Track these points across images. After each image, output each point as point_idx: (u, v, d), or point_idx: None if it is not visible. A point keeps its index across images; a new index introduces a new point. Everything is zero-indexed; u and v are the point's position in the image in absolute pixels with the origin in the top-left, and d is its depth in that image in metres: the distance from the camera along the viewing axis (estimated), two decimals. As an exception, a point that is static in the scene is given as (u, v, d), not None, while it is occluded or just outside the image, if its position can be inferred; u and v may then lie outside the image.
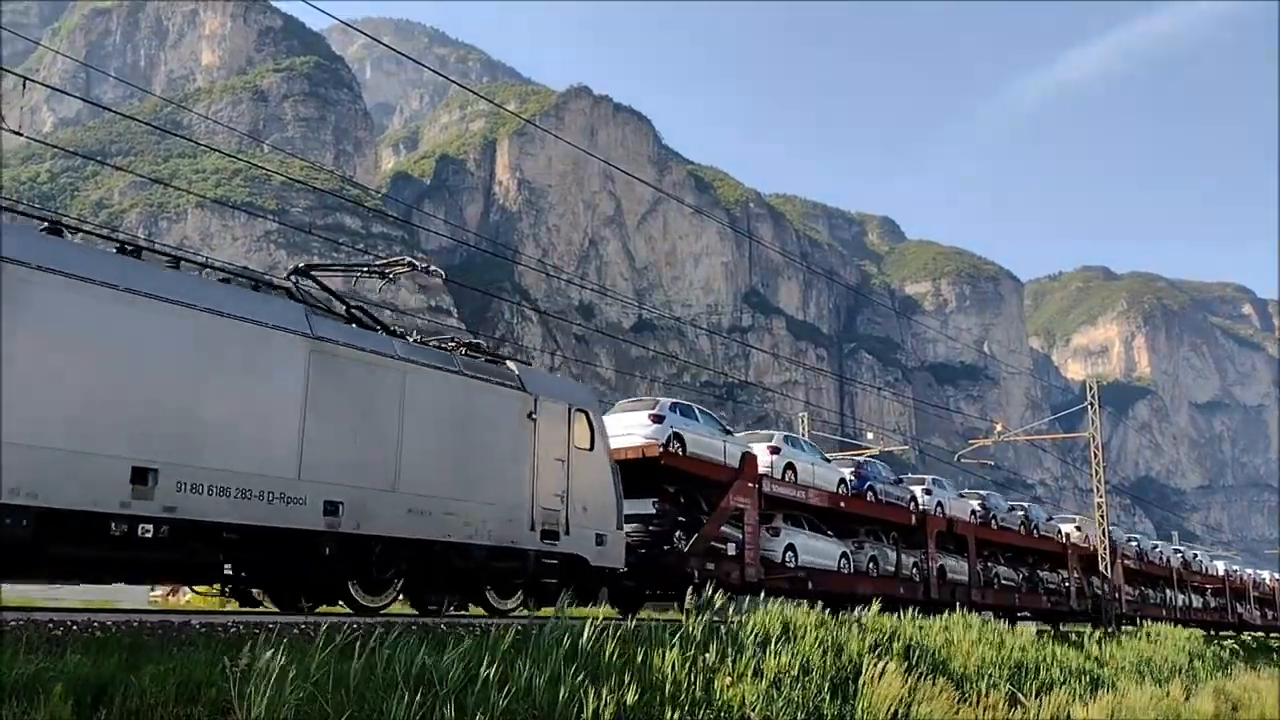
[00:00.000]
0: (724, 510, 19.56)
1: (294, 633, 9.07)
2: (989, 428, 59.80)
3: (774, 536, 21.55)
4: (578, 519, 15.62)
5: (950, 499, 30.07)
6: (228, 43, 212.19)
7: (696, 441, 20.19)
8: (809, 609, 14.92)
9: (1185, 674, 23.50)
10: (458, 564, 13.76)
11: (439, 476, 13.69)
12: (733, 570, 19.39)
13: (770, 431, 24.61)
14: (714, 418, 21.87)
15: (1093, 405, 37.97)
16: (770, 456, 22.60)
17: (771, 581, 19.79)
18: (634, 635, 10.85)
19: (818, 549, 22.90)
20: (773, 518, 21.89)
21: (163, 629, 9.07)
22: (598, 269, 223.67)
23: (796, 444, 24.52)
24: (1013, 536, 33.50)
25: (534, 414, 15.33)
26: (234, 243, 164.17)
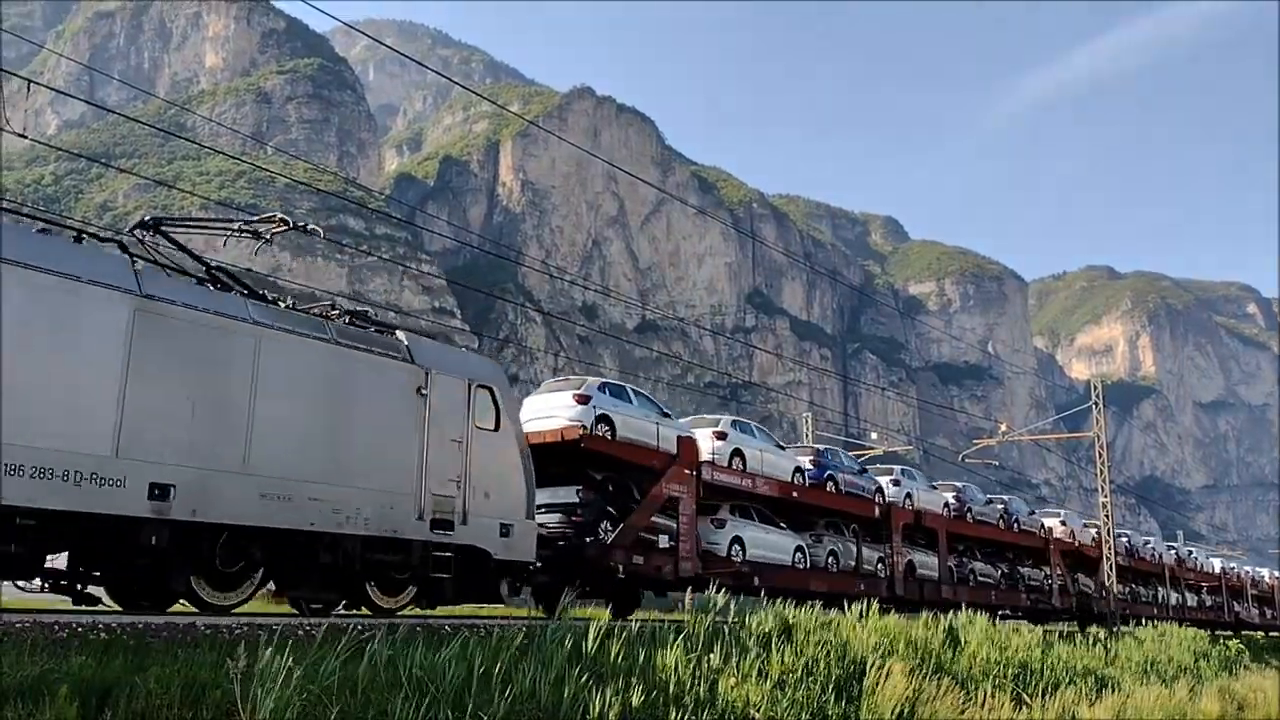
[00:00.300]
0: (655, 499, 18.18)
1: (298, 634, 9.08)
2: (993, 428, 59.62)
3: (719, 528, 20.28)
4: (478, 507, 14.13)
5: (920, 490, 28.73)
6: (231, 45, 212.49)
7: (627, 424, 18.69)
8: (811, 609, 14.82)
9: (1190, 674, 23.45)
10: (325, 557, 12.23)
11: (301, 457, 12.10)
12: (665, 564, 18.13)
13: (718, 416, 22.66)
14: (650, 400, 20.40)
15: (1097, 405, 37.93)
16: (715, 442, 21.11)
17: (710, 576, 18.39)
18: (638, 636, 10.85)
19: (769, 542, 21.52)
20: (717, 508, 20.68)
21: (167, 630, 9.08)
22: (601, 270, 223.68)
23: (747, 430, 22.88)
24: (989, 530, 31.96)
25: (425, 389, 13.74)
26: (237, 244, 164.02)
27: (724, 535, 20.29)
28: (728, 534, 20.31)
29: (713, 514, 20.44)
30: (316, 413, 12.46)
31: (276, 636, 8.10)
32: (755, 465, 21.89)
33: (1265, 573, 63.95)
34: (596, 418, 18.08)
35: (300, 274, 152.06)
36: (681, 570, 18.33)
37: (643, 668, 9.90)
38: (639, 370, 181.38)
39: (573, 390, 18.51)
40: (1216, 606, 51.36)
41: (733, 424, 22.47)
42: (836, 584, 22.68)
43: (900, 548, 25.88)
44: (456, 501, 13.88)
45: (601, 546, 17.18)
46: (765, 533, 21.54)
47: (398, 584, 13.74)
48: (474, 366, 15.31)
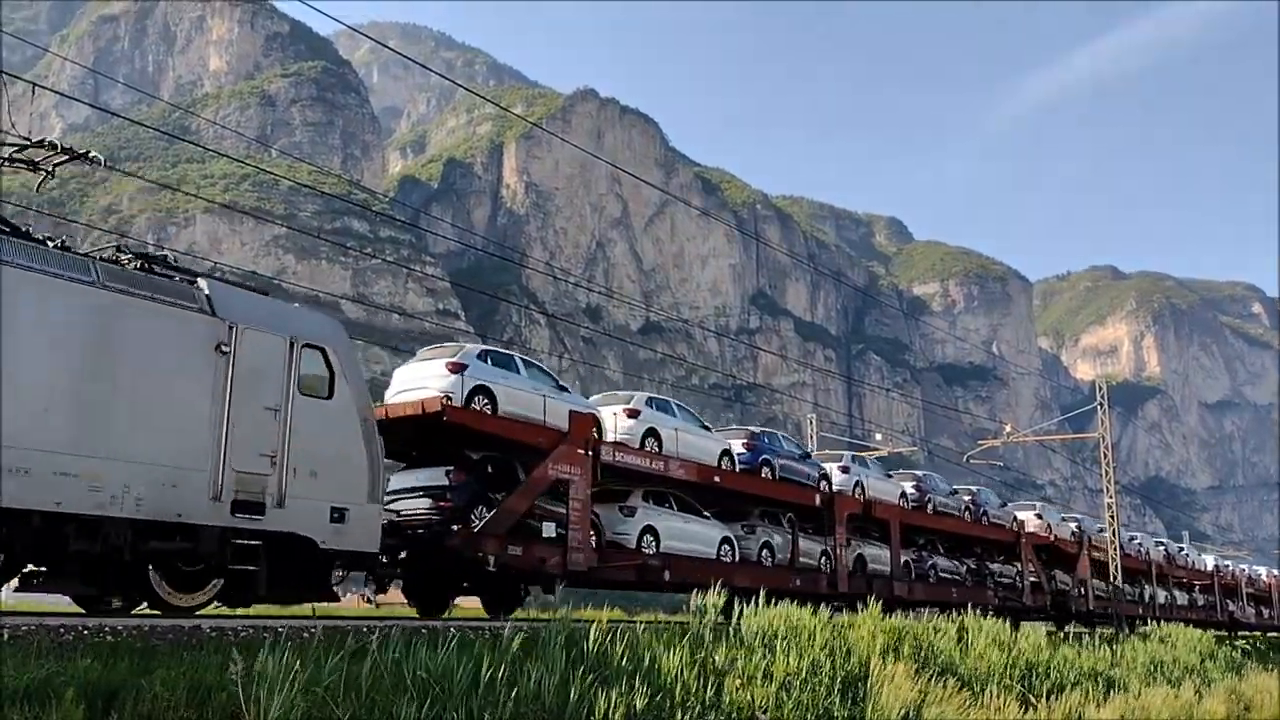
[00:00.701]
0: (538, 481, 16.26)
1: (303, 636, 9.09)
2: (998, 429, 59.48)
3: (628, 517, 18.42)
4: (302, 488, 11.99)
5: (874, 479, 26.64)
6: (235, 48, 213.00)
7: (512, 397, 16.68)
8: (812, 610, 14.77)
9: (1197, 675, 23.40)
10: (80, 545, 10.22)
11: (44, 422, 9.99)
12: (550, 555, 16.20)
13: (631, 393, 20.64)
14: (545, 373, 18.37)
15: (1102, 405, 37.84)
16: (626, 421, 19.11)
17: (608, 570, 17.12)
18: (642, 637, 10.85)
19: (689, 533, 19.63)
20: (627, 495, 18.84)
21: (173, 633, 9.10)
22: (605, 271, 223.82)
23: (664, 408, 20.65)
24: (951, 523, 29.59)
25: (227, 346, 11.54)
26: (242, 247, 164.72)
27: (633, 525, 18.44)
28: (638, 523, 18.48)
29: (622, 501, 18.69)
30: (68, 369, 10.33)
31: (281, 639, 8.11)
32: (674, 447, 19.73)
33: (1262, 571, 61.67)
34: (473, 389, 16.08)
35: (305, 277, 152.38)
36: (572, 563, 16.32)
37: (647, 669, 9.90)
38: (643, 372, 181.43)
39: (447, 358, 16.54)
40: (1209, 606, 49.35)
41: (648, 401, 20.36)
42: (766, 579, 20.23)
43: (845, 540, 23.83)
44: (269, 481, 11.71)
45: (466, 535, 15.25)
46: (685, 522, 19.66)
47: (198, 577, 11.72)
48: (300, 322, 13.00)
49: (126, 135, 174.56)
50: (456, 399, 15.73)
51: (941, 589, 28.00)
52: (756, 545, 21.79)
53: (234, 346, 11.65)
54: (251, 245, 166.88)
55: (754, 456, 22.31)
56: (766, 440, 23.25)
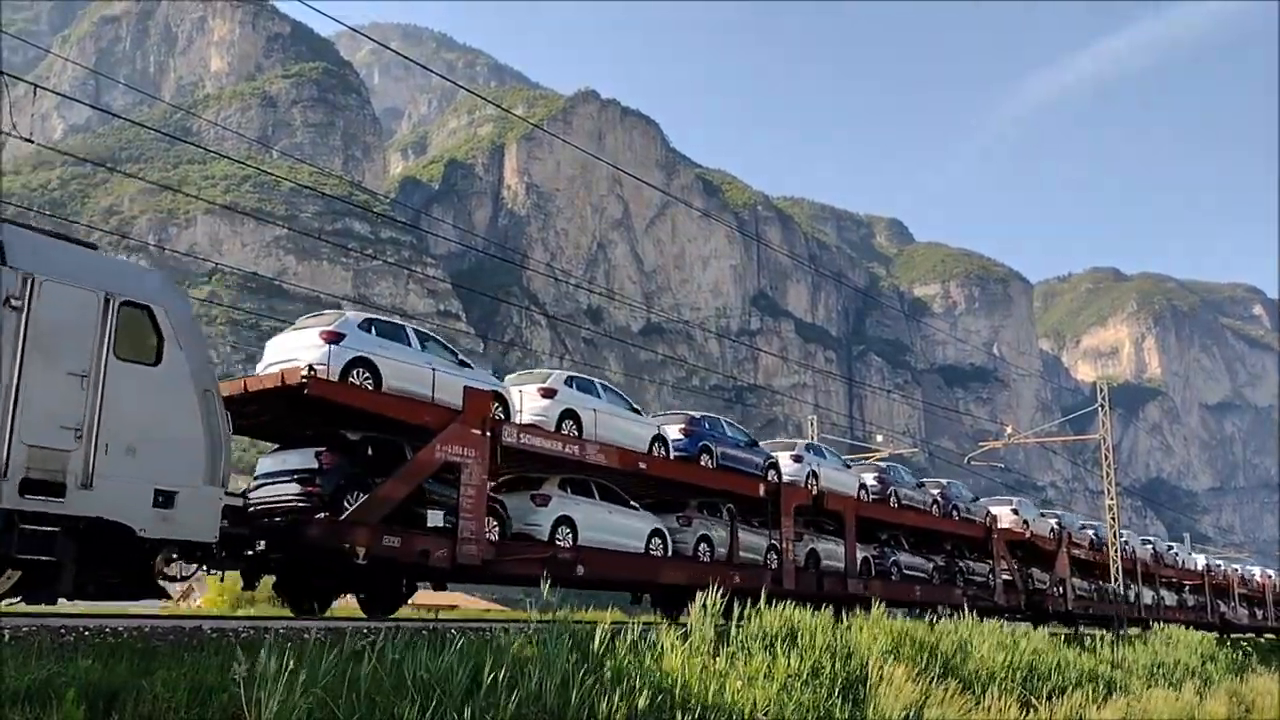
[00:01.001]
0: (422, 465, 14.66)
1: (304, 637, 9.10)
2: (999, 430, 59.47)
3: (540, 506, 16.85)
4: (115, 467, 10.47)
5: (829, 469, 24.86)
6: (236, 49, 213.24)
7: (399, 372, 15.07)
8: (812, 611, 14.75)
9: (1198, 677, 23.38)
10: None
11: None
12: (437, 548, 14.51)
13: (550, 371, 18.85)
14: (445, 347, 16.74)
15: (1103, 407, 37.80)
16: (541, 401, 17.52)
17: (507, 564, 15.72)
18: (643, 639, 10.85)
19: (613, 525, 18.04)
20: (540, 482, 17.35)
21: (174, 634, 9.10)
22: (606, 273, 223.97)
23: (587, 388, 18.95)
24: (913, 516, 27.81)
25: (17, 299, 10.00)
26: (243, 248, 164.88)
27: (546, 515, 16.81)
28: (551, 513, 16.84)
29: (534, 488, 17.18)
30: None
31: (282, 639, 8.11)
32: (596, 431, 18.11)
33: (1256, 571, 59.69)
34: (351, 361, 14.49)
35: (305, 278, 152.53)
36: (462, 555, 14.69)
37: (649, 670, 9.90)
38: (644, 373, 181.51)
39: (322, 326, 14.90)
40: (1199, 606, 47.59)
41: (567, 380, 18.59)
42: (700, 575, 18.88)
43: (793, 534, 22.08)
44: (73, 458, 10.18)
45: (329, 524, 13.58)
46: (609, 513, 18.06)
47: None
48: (121, 278, 11.32)
49: (128, 136, 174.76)
50: (330, 371, 14.10)
51: (904, 587, 26.35)
52: (693, 539, 20.21)
53: (28, 300, 10.06)
54: (252, 246, 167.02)
55: (692, 443, 20.73)
56: (707, 426, 21.61)
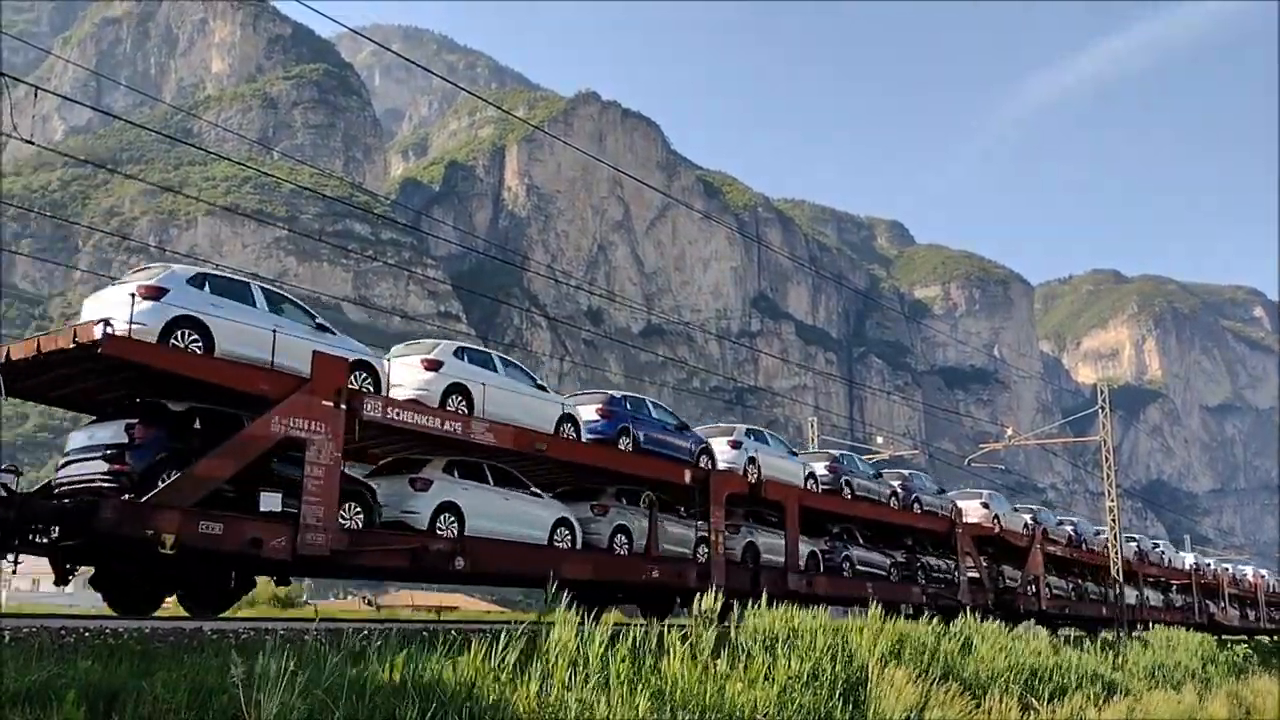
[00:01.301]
0: (255, 440, 12.71)
1: (304, 638, 9.09)
2: (999, 432, 59.30)
3: (420, 491, 15.10)
4: None
5: (771, 456, 22.75)
6: (237, 50, 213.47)
7: (239, 335, 13.14)
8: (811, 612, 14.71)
9: (1198, 679, 23.38)
10: None
11: None
12: (272, 536, 12.61)
13: (437, 342, 16.99)
14: (305, 310, 14.75)
15: (1104, 409, 37.75)
16: (425, 374, 15.79)
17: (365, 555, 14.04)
18: (643, 642, 10.84)
19: (510, 513, 16.30)
20: (420, 465, 15.63)
21: (174, 635, 9.09)
22: (606, 274, 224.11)
23: (483, 362, 17.11)
24: (868, 509, 25.63)
25: None
26: (244, 249, 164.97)
27: (426, 500, 15.03)
28: (433, 499, 15.08)
29: (414, 471, 15.50)
30: None
31: (282, 641, 8.11)
32: (491, 409, 16.27)
33: (1248, 570, 57.85)
34: (174, 320, 12.54)
35: (306, 278, 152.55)
36: (305, 545, 12.84)
37: (648, 673, 9.89)
38: (644, 374, 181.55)
39: (140, 281, 12.96)
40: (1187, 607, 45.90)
41: (457, 351, 16.77)
42: (611, 569, 17.54)
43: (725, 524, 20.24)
44: None
45: (127, 506, 11.69)
46: (504, 500, 16.32)
47: None
48: None
49: (129, 138, 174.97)
50: (148, 332, 12.30)
51: (855, 584, 24.35)
52: (608, 530, 18.40)
53: None
54: (253, 247, 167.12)
55: (610, 425, 18.94)
56: (628, 407, 19.72)
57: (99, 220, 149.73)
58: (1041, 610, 31.43)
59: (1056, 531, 35.61)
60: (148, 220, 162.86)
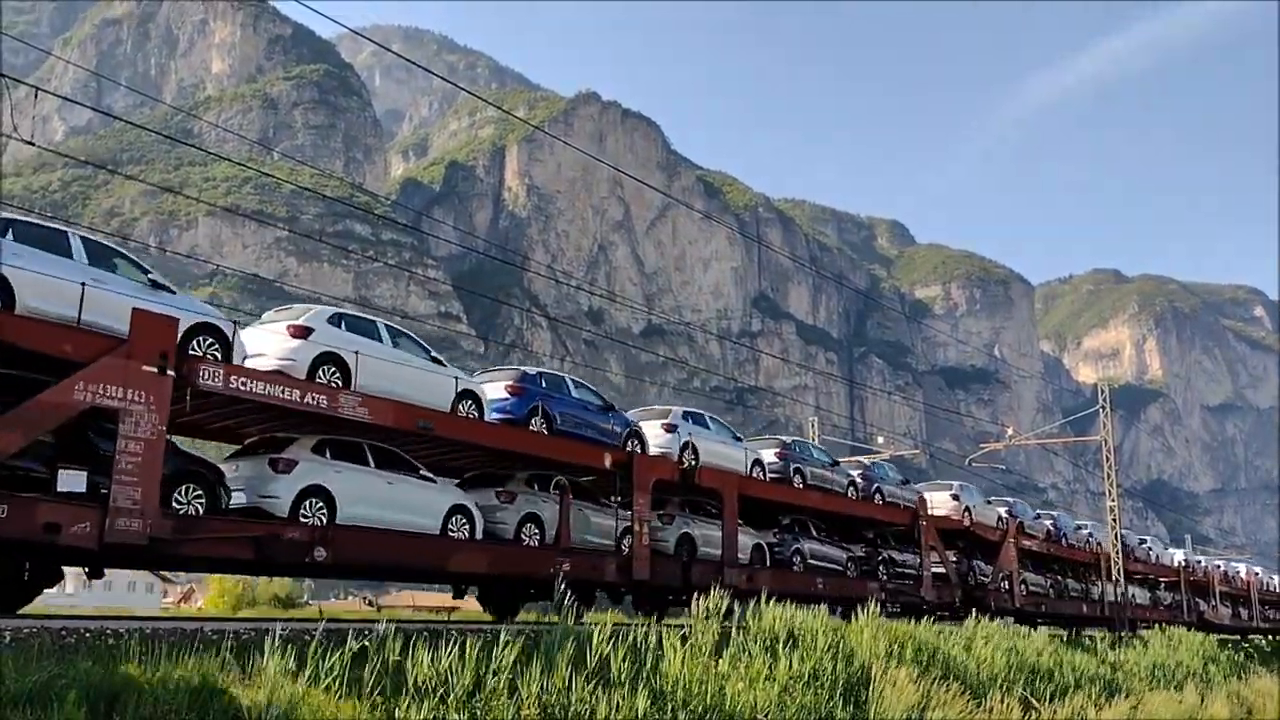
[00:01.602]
0: (49, 407, 11.21)
1: (305, 638, 9.08)
2: (1000, 432, 59.18)
3: (281, 473, 13.41)
4: None
5: (711, 441, 21.03)
6: (237, 51, 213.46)
7: (47, 290, 11.71)
8: (817, 612, 14.68)
9: (1199, 678, 23.37)
10: None
11: None
12: (74, 521, 11.10)
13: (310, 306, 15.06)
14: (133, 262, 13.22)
15: (1104, 408, 37.71)
16: (290, 342, 14.04)
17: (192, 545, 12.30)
18: (644, 641, 10.82)
19: (393, 499, 14.57)
20: (284, 444, 13.90)
21: (175, 636, 9.08)
22: (607, 275, 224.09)
23: (366, 330, 15.25)
24: (819, 498, 23.81)
25: None
26: (244, 250, 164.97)
27: (288, 484, 13.40)
28: (295, 482, 13.45)
29: (275, 451, 13.83)
30: None
31: (283, 641, 8.10)
32: (376, 382, 14.60)
33: (1241, 568, 55.68)
34: None
35: (306, 279, 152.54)
36: (115, 531, 11.30)
37: (649, 673, 9.88)
38: (645, 375, 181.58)
39: None
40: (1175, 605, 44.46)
41: (332, 318, 15.04)
42: (512, 562, 16.17)
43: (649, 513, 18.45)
44: None
45: None
46: (387, 484, 14.59)
47: None
48: None
49: (129, 138, 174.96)
50: None
51: (803, 578, 22.59)
52: (515, 518, 16.67)
53: None
54: (253, 248, 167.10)
55: (521, 404, 17.28)
56: (543, 385, 18.04)
57: (99, 221, 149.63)
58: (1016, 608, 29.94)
59: (1033, 525, 34.09)
60: (148, 221, 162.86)
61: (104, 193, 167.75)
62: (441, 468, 16.81)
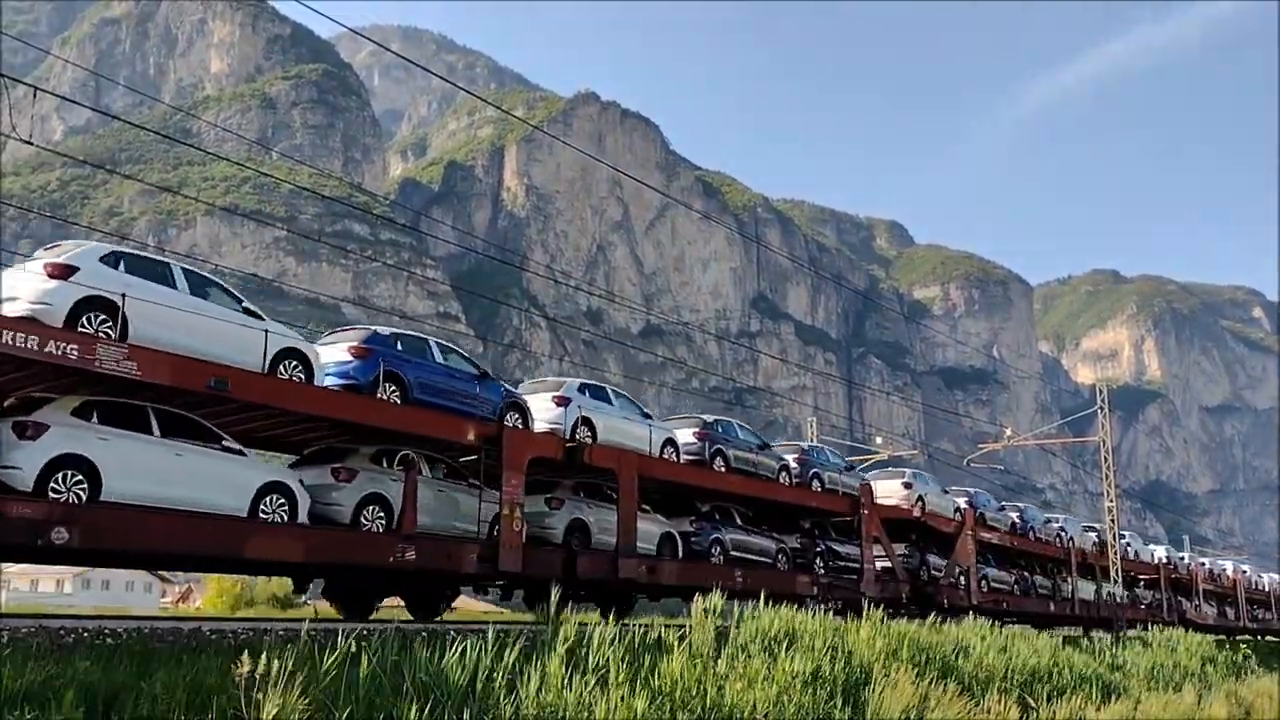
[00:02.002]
0: None
1: (302, 639, 9.09)
2: (998, 432, 59.05)
3: (26, 440, 11.06)
4: None
5: (612, 417, 18.62)
6: (236, 50, 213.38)
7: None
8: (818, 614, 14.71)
9: (1197, 679, 23.36)
10: None
11: None
12: None
13: (82, 242, 12.56)
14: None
15: (1103, 409, 37.71)
16: (48, 284, 11.60)
17: None
18: (642, 641, 10.83)
19: (183, 474, 12.14)
20: (36, 405, 11.69)
21: (173, 635, 9.08)
22: (606, 275, 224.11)
23: (159, 276, 12.80)
24: (741, 483, 21.43)
25: None
26: (243, 250, 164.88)
27: (34, 454, 10.98)
28: (44, 451, 11.03)
29: (25, 414, 11.47)
30: None
31: (281, 641, 8.10)
32: (162, 334, 12.21)
33: (1228, 565, 53.75)
34: None
35: (305, 279, 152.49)
36: None
37: (647, 673, 9.88)
38: (644, 375, 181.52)
39: None
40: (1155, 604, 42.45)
41: (108, 258, 12.46)
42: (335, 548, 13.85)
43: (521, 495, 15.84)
44: None
45: None
46: (175, 456, 12.13)
47: None
48: None
49: (128, 138, 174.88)
50: None
51: (720, 571, 19.93)
52: (352, 500, 14.28)
53: None
54: (252, 248, 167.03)
55: (367, 368, 14.79)
56: (397, 347, 15.55)
57: (98, 220, 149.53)
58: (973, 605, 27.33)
59: (997, 517, 32.02)
60: (146, 220, 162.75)
61: (103, 192, 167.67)
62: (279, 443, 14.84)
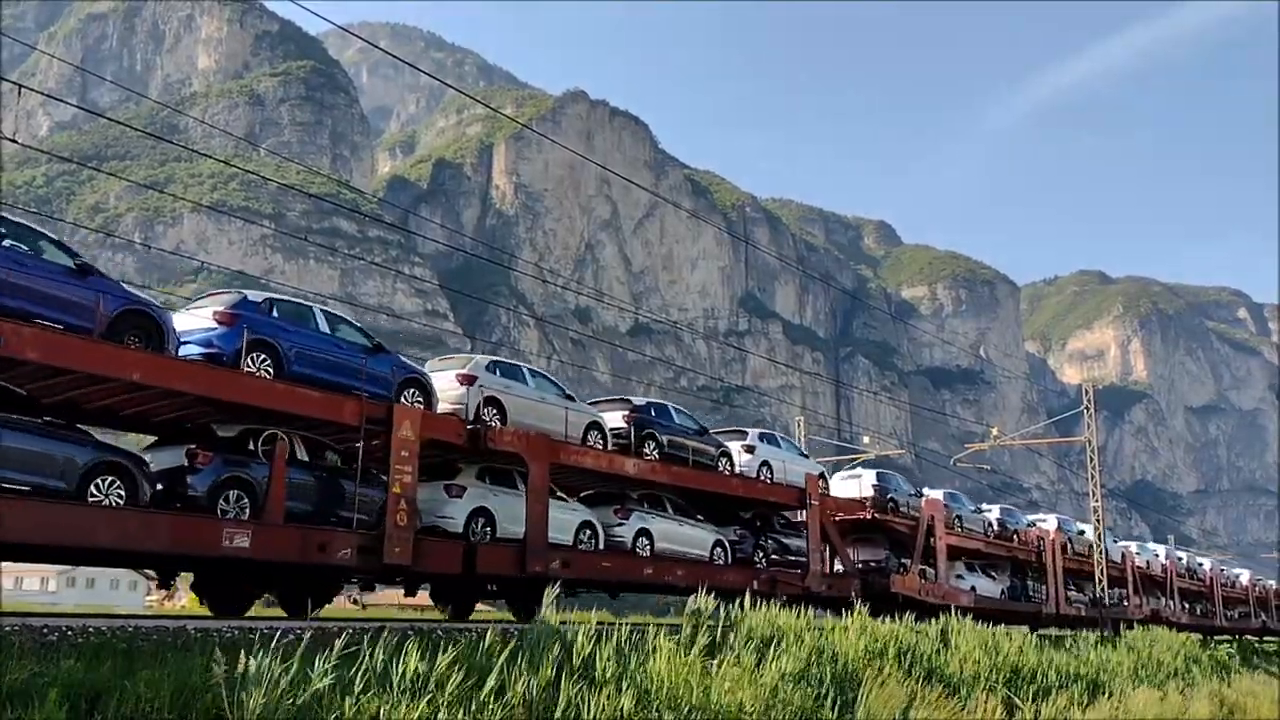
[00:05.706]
0: None
1: (289, 638, 9.05)
2: (985, 432, 59.20)
3: None
4: None
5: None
6: (224, 47, 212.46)
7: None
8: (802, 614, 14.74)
9: (1182, 678, 23.48)
10: None
11: None
12: None
13: None
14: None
15: (1089, 409, 37.85)
16: None
17: None
18: (630, 640, 10.83)
19: None
20: None
21: (158, 634, 9.04)
22: (594, 273, 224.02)
23: None
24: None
25: None
26: (230, 247, 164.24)
27: None
28: None
29: None
30: None
31: (268, 640, 8.07)
32: None
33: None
34: None
35: (292, 277, 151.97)
36: None
37: (635, 672, 9.89)
38: (632, 374, 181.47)
39: None
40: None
41: None
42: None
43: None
44: None
45: None
46: None
47: None
48: None
49: (114, 134, 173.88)
50: None
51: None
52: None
53: None
54: (239, 245, 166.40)
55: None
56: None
57: (84, 217, 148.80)
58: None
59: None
60: (133, 217, 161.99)
61: (89, 188, 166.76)
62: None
